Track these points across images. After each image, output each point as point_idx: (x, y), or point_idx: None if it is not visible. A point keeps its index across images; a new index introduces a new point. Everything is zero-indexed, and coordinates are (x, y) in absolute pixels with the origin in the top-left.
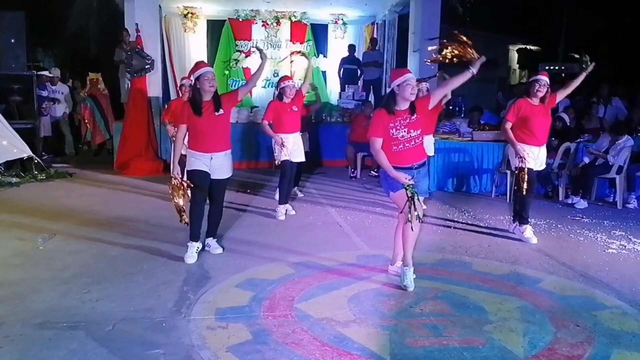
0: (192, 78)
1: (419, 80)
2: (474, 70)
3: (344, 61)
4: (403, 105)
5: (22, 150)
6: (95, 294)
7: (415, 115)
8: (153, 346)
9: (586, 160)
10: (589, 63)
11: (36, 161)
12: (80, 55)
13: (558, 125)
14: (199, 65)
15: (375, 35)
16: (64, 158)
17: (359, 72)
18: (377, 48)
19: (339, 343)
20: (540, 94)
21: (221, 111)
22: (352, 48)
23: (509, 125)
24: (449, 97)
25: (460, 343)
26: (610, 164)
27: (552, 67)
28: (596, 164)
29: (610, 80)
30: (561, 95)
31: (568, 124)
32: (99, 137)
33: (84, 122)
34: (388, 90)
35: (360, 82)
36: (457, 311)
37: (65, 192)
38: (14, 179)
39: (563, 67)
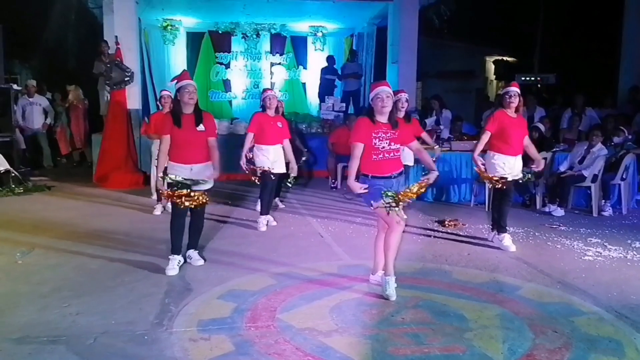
0: (172, 83)
1: (397, 92)
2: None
3: (323, 71)
4: (381, 118)
5: None
6: (76, 308)
7: (396, 132)
8: (135, 359)
9: (562, 168)
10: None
11: (13, 174)
12: (58, 67)
13: (534, 135)
14: (182, 75)
15: (354, 47)
16: (42, 171)
17: (337, 83)
18: (356, 60)
19: (322, 353)
20: (514, 105)
21: (202, 127)
22: (331, 59)
23: (487, 135)
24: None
25: (441, 351)
26: (585, 175)
27: (527, 78)
28: (573, 171)
29: (581, 90)
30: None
31: (544, 134)
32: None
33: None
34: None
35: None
36: (437, 319)
37: (43, 206)
38: None
39: (539, 78)
